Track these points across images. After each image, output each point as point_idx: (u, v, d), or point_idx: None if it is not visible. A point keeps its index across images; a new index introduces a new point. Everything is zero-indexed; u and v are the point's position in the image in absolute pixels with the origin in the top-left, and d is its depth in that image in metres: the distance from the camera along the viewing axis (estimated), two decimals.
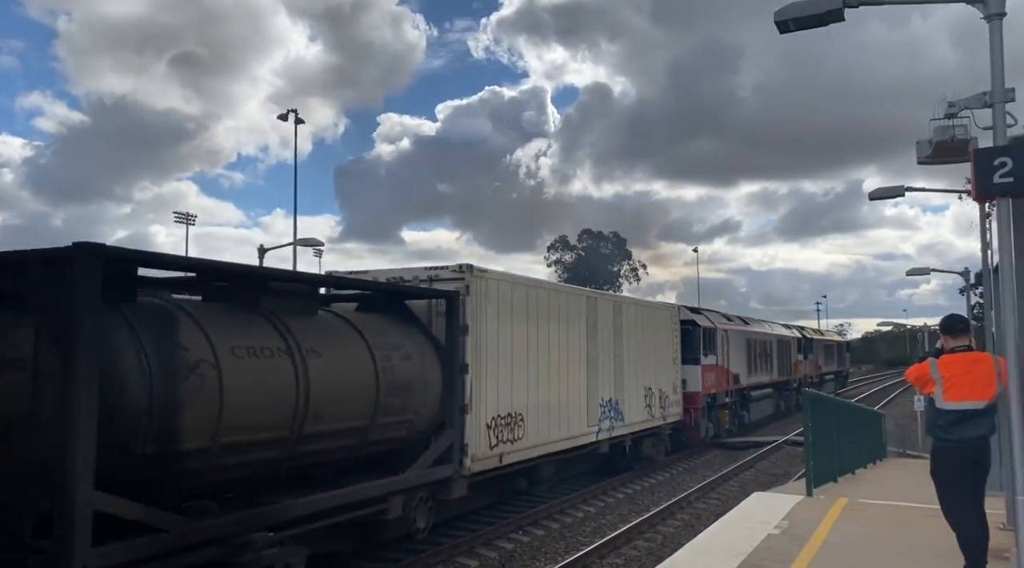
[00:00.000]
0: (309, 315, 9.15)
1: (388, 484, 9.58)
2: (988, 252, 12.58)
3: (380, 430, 9.51)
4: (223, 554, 7.30)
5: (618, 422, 16.45)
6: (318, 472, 9.02)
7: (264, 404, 7.76)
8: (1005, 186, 5.66)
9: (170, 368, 6.86)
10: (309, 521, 8.34)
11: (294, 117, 35.21)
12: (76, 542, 5.79)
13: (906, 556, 7.39)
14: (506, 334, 12.31)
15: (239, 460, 7.68)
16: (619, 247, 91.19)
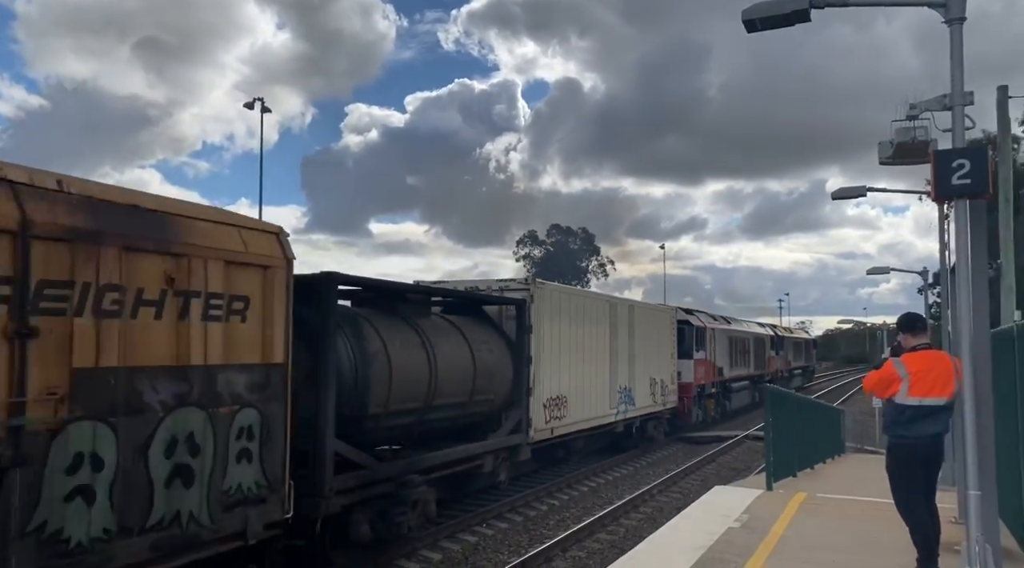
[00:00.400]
0: (426, 317, 12.04)
1: (484, 446, 12.81)
2: (946, 253, 12.85)
3: (474, 405, 12.50)
4: (393, 488, 10.19)
5: (631, 406, 19.68)
6: (434, 436, 11.90)
7: (412, 383, 10.71)
8: (963, 188, 5.77)
9: (364, 358, 9.84)
10: (438, 470, 11.46)
11: (260, 106, 34.69)
12: (326, 470, 8.82)
13: (861, 549, 7.54)
14: (556, 333, 15.55)
15: (396, 423, 10.70)
16: (588, 243, 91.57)
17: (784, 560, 7.05)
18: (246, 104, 34.87)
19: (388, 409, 10.27)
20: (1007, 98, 16.83)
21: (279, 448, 7.61)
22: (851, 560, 7.11)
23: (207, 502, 6.78)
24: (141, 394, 6.23)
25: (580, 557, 10.81)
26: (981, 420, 5.88)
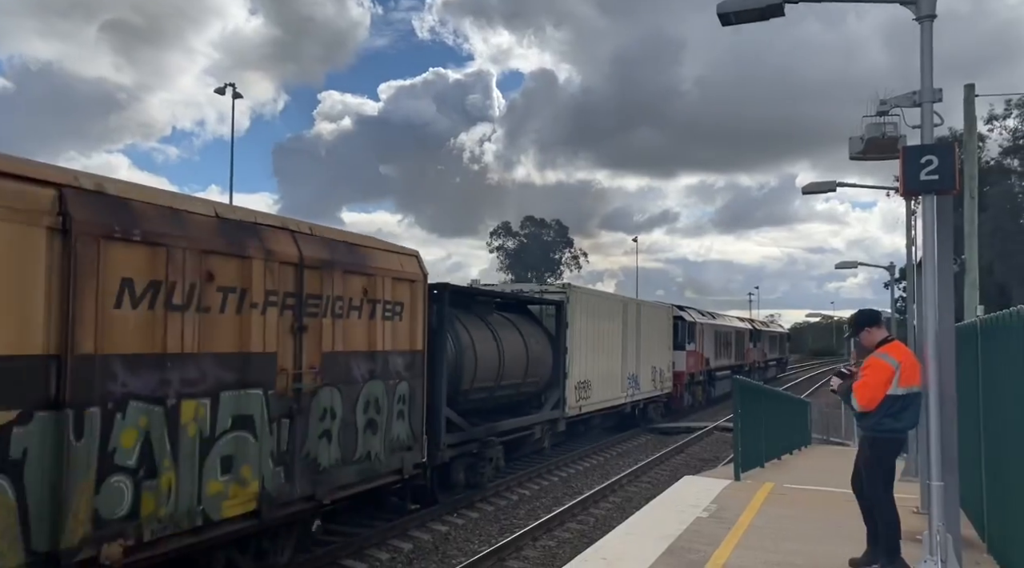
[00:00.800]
0: (492, 314, 15.16)
1: (535, 418, 16.44)
2: (912, 248, 13.06)
3: (525, 386, 16.01)
4: (478, 447, 13.52)
5: (637, 390, 23.21)
6: (497, 409, 14.96)
7: (488, 367, 13.98)
8: (930, 183, 5.85)
9: (460, 348, 13.03)
10: (506, 435, 14.80)
11: (232, 91, 34.24)
12: (441, 430, 11.94)
13: (827, 538, 7.66)
14: (585, 329, 18.79)
15: (476, 397, 13.87)
16: (561, 234, 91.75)
17: (751, 549, 7.14)
18: (217, 89, 34.43)
19: (472, 386, 13.59)
20: (973, 96, 17.12)
21: (420, 412, 10.84)
22: (817, 549, 7.22)
23: (384, 446, 9.88)
24: (351, 369, 9.22)
25: (550, 546, 10.87)
26: (945, 413, 5.99)
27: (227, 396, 7.32)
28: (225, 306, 7.35)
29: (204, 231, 7.19)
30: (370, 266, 9.65)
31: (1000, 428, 6.22)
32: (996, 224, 41.99)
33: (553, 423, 17.18)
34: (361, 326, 9.42)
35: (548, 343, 16.94)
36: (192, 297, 6.94)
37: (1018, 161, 48.29)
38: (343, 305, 9.05)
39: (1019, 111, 46.69)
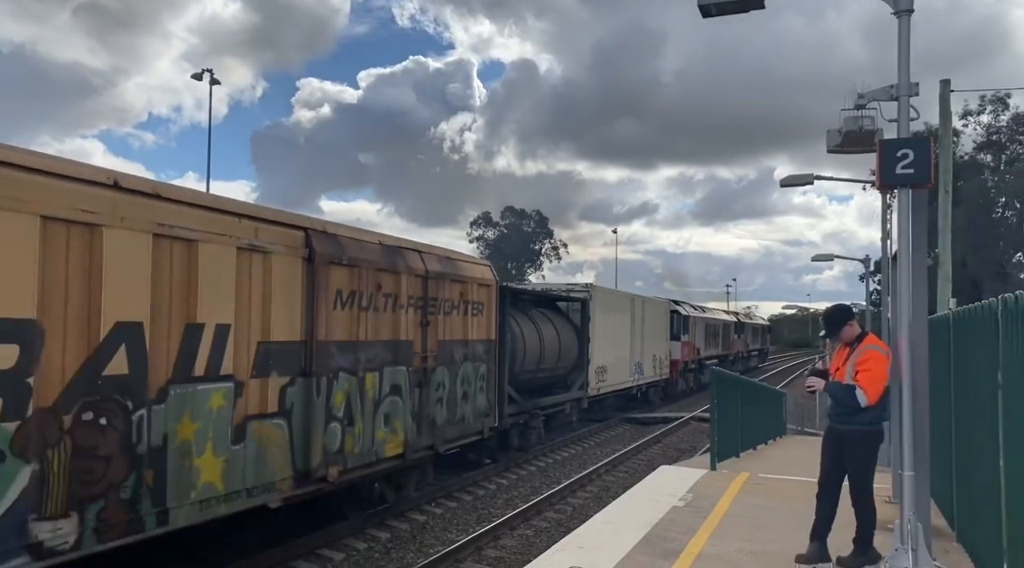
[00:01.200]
0: (532, 309, 17.99)
1: (566, 396, 19.40)
2: (888, 241, 13.19)
3: (557, 370, 18.72)
4: (526, 418, 16.58)
5: (641, 376, 26.49)
6: (534, 389, 17.42)
7: (532, 353, 16.59)
8: (906, 177, 5.91)
9: (514, 337, 15.50)
10: (546, 409, 17.85)
11: (209, 77, 33.81)
12: (504, 402, 14.69)
13: (801, 528, 7.74)
14: (602, 322, 21.95)
15: (523, 378, 16.25)
16: (541, 225, 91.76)
17: (726, 538, 7.22)
18: (194, 75, 33.97)
19: (521, 369, 16.04)
20: (949, 92, 17.30)
21: (493, 388, 13.91)
22: (791, 538, 7.30)
23: (472, 412, 12.91)
24: (454, 354, 12.29)
25: (527, 535, 10.91)
26: (917, 404, 6.08)
27: (388, 371, 10.33)
28: (386, 307, 10.36)
29: (375, 254, 10.19)
30: (463, 275, 12.69)
31: (971, 420, 6.32)
32: (969, 218, 42.58)
33: (579, 401, 20.46)
34: (459, 321, 12.54)
35: (574, 334, 19.90)
36: (370, 301, 9.94)
37: (991, 156, 48.97)
38: (449, 305, 12.17)
39: (993, 107, 47.32)
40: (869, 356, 6.09)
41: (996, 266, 45.56)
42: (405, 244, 11.32)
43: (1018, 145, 48.44)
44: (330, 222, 9.61)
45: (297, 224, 8.74)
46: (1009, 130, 48.12)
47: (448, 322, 12.07)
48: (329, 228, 9.38)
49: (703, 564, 6.37)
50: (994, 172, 48.50)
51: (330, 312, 9.03)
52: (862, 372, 6.04)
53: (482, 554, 9.90)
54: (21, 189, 5.70)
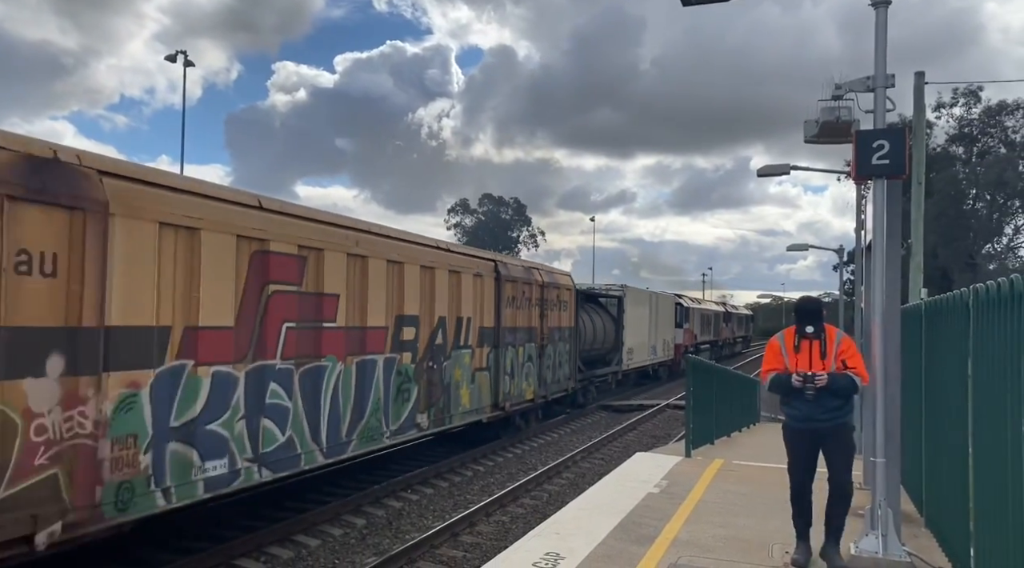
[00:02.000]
0: (584, 304, 23.50)
1: (609, 370, 26.22)
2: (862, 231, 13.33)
3: (600, 350, 25.27)
4: (586, 383, 23.67)
5: (655, 356, 33.21)
6: (587, 363, 23.62)
7: (587, 337, 23.07)
8: (882, 167, 5.98)
9: (581, 325, 22.20)
10: (596, 378, 24.90)
11: (183, 59, 33.32)
12: (575, 373, 21.45)
13: (774, 513, 7.86)
14: (631, 313, 28.18)
15: (583, 355, 22.47)
16: (519, 213, 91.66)
17: (701, 524, 7.30)
18: (168, 57, 33.54)
19: (581, 349, 21.77)
20: (923, 84, 17.47)
21: (573, 361, 20.55)
22: (764, 524, 7.40)
23: (563, 376, 19.76)
24: (555, 336, 19.06)
25: (504, 522, 10.96)
26: (889, 392, 6.17)
27: (526, 346, 17.10)
28: (530, 305, 17.36)
29: (525, 274, 17.21)
30: (558, 283, 19.41)
31: (940, 408, 6.42)
32: (940, 210, 43.21)
33: (616, 374, 27.17)
34: (557, 314, 19.07)
35: (612, 323, 26.64)
36: (522, 302, 16.74)
37: (963, 149, 49.65)
38: (552, 304, 18.71)
39: (965, 100, 47.95)
40: (849, 342, 6.00)
41: (966, 257, 46.31)
42: (532, 265, 18.74)
43: (989, 138, 49.18)
44: (506, 257, 17.52)
45: (489, 257, 15.82)
46: (981, 123, 48.81)
47: (552, 315, 18.70)
48: (504, 260, 16.60)
49: (678, 549, 6.44)
50: (966, 164, 49.20)
51: (505, 309, 15.75)
52: (851, 358, 5.90)
53: (458, 540, 9.92)
54: (422, 256, 12.54)
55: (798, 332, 6.02)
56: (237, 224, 8.29)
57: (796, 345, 5.98)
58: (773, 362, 6.11)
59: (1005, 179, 45.75)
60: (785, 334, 6.11)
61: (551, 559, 6.07)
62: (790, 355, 5.98)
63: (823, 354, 5.90)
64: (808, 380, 5.79)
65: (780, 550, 6.48)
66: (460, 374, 13.65)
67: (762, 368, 6.21)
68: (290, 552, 9.13)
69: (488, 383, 14.97)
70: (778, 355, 6.07)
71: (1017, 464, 3.86)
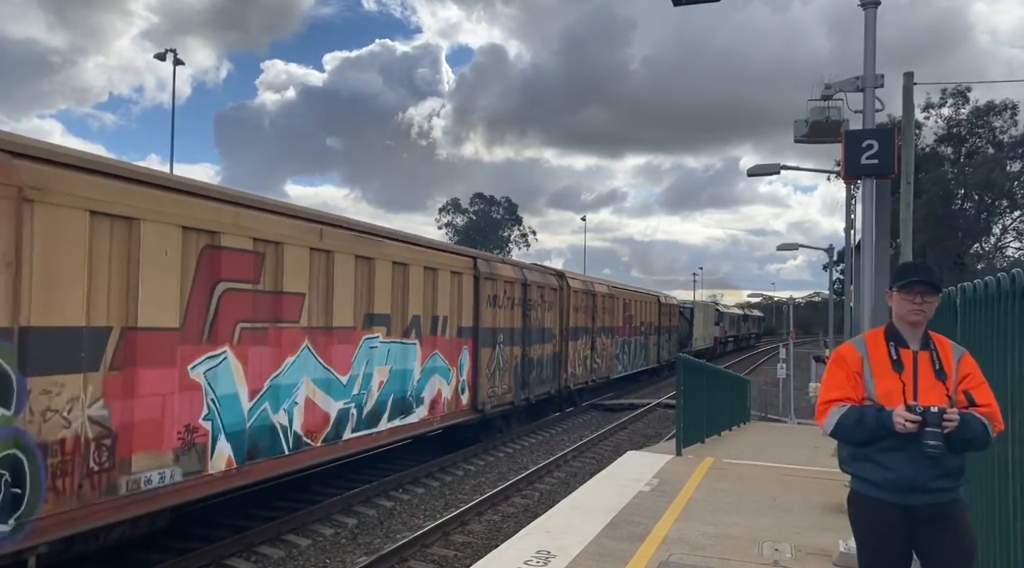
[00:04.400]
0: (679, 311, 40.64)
1: (686, 350, 37.10)
2: (852, 231, 13.40)
3: (681, 338, 42.06)
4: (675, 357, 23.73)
5: (704, 344, 45.91)
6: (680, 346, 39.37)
7: (679, 332, 40.94)
8: (871, 167, 6.02)
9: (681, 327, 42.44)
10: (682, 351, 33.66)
11: (173, 57, 33.15)
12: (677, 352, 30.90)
13: (764, 511, 7.90)
14: (696, 318, 44.70)
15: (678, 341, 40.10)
16: (510, 212, 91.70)
17: (691, 522, 7.32)
18: (157, 55, 33.27)
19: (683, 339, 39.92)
20: (912, 84, 17.57)
21: (672, 345, 37.13)
22: (754, 521, 7.44)
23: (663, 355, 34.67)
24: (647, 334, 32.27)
25: (495, 521, 10.96)
26: None
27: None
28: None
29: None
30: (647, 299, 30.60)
31: None
32: (929, 209, 43.50)
33: (688, 352, 32.44)
34: (645, 316, 29.80)
35: (687, 323, 42.18)
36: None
37: (951, 149, 49.98)
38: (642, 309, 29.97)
39: (954, 100, 48.26)
40: (973, 364, 3.64)
41: (954, 256, 46.63)
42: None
43: (977, 138, 49.53)
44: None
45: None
46: (969, 123, 49.16)
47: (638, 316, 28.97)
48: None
49: (669, 547, 6.46)
50: (954, 164, 49.54)
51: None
52: (978, 388, 3.55)
53: (449, 539, 9.92)
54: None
55: (894, 339, 3.64)
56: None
57: (894, 359, 3.57)
58: (842, 387, 3.64)
59: (993, 179, 46.10)
60: (869, 341, 3.71)
61: (542, 557, 6.08)
62: (881, 376, 3.57)
63: (939, 374, 3.55)
64: (932, 420, 3.31)
65: (770, 548, 6.51)
66: None
67: (821, 395, 3.73)
68: (281, 552, 9.11)
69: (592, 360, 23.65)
70: (853, 376, 3.63)
71: (1007, 462, 3.89)
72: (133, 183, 7.14)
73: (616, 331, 25.95)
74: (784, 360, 26.76)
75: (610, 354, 25.41)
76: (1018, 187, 48.62)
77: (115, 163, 7.36)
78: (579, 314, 21.80)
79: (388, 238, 11.77)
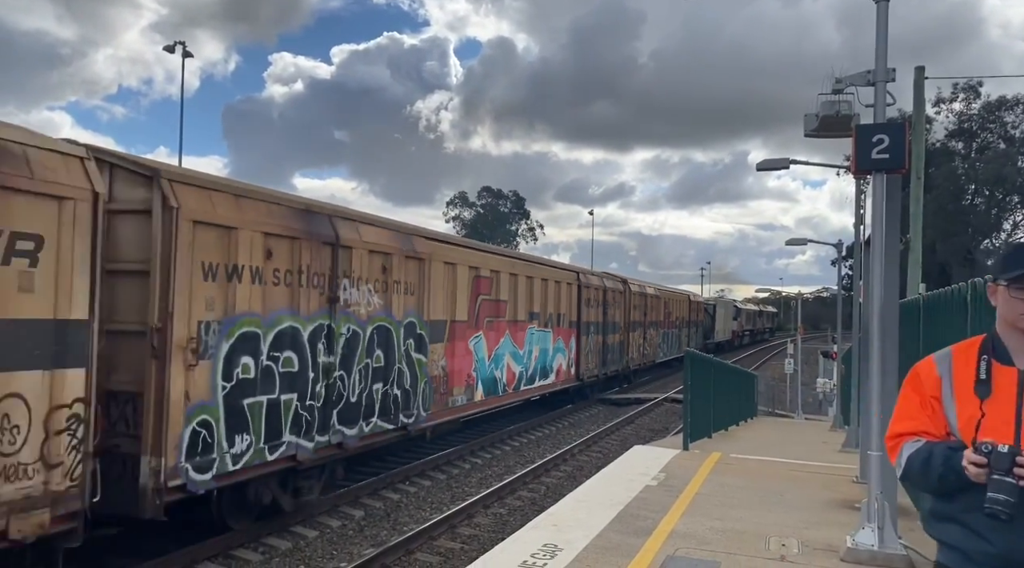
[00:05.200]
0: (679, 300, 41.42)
1: (710, 339, 51.25)
2: (861, 226, 13.33)
3: (706, 330, 50.01)
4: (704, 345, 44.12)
5: (724, 336, 56.09)
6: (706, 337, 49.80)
7: (708, 327, 51.10)
8: (881, 162, 5.98)
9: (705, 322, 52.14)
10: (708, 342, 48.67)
11: (182, 50, 33.17)
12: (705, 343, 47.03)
13: (771, 506, 7.89)
14: (718, 314, 53.75)
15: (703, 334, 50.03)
16: (518, 206, 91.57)
17: (698, 516, 7.32)
18: (166, 47, 33.26)
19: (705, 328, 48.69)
20: (923, 78, 17.46)
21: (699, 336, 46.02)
22: (761, 516, 7.43)
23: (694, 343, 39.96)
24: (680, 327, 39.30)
25: (501, 514, 10.98)
26: (886, 385, 6.18)
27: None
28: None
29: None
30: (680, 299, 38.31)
31: None
32: (939, 205, 43.22)
33: (712, 342, 47.98)
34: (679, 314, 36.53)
35: (711, 318, 49.69)
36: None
37: (962, 144, 49.63)
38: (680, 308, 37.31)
39: (965, 95, 47.89)
40: None
41: (964, 252, 46.35)
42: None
43: (989, 133, 49.15)
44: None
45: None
46: (980, 118, 48.78)
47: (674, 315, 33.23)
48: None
49: (675, 542, 6.46)
50: (964, 159, 49.19)
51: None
52: None
53: (456, 532, 9.95)
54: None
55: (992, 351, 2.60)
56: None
57: (981, 380, 2.57)
58: (915, 417, 2.69)
59: (1004, 175, 45.76)
60: (957, 356, 2.67)
61: (549, 551, 6.08)
62: (964, 402, 2.58)
63: None
64: (999, 463, 2.35)
65: (777, 543, 6.50)
66: None
67: (890, 426, 2.75)
68: (288, 543, 9.15)
69: None
70: (930, 402, 2.65)
71: None
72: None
73: (659, 324, 32.24)
74: (792, 355, 26.68)
75: (655, 343, 31.46)
76: None
77: None
78: (636, 311, 27.70)
79: (538, 263, 19.37)
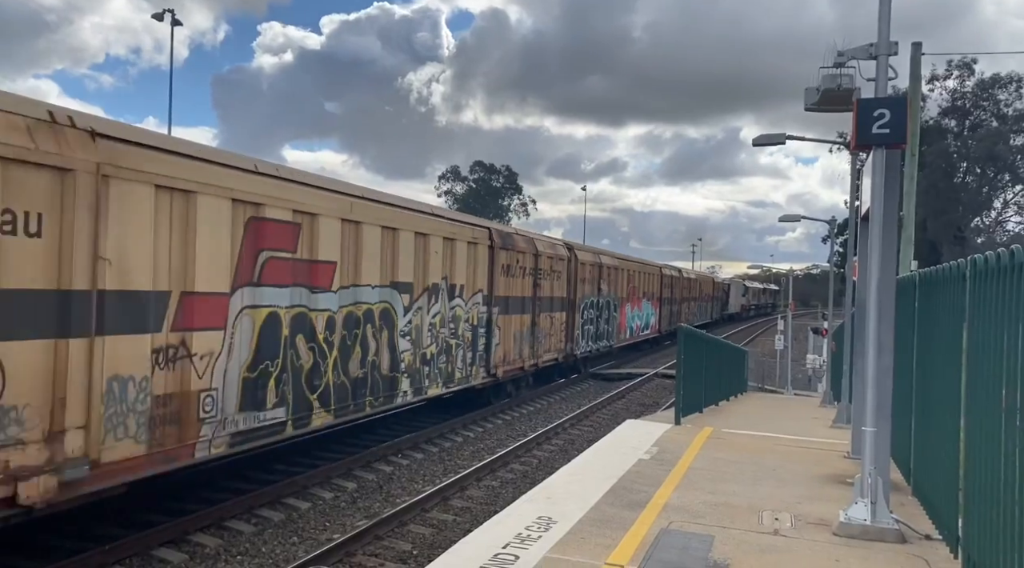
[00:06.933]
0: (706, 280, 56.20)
1: (725, 311, 66.56)
2: (857, 202, 13.30)
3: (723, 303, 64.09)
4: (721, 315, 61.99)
5: (735, 310, 70.98)
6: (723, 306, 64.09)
7: (720, 299, 62.34)
8: (882, 136, 5.93)
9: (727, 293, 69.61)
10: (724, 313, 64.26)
11: (171, 18, 32.68)
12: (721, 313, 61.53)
13: (762, 480, 7.94)
14: (730, 291, 68.55)
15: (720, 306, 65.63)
16: (510, 181, 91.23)
17: (691, 490, 7.36)
18: (154, 15, 32.81)
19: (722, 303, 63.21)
20: (920, 55, 17.36)
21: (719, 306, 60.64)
22: (753, 490, 7.47)
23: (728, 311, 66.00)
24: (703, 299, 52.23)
25: (493, 486, 11.03)
26: (882, 361, 6.19)
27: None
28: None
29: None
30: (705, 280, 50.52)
31: (931, 379, 6.45)
32: (931, 183, 43.28)
33: (726, 313, 62.10)
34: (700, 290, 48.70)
35: (726, 295, 62.44)
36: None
37: (955, 122, 49.60)
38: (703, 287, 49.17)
39: (959, 72, 47.78)
40: None
41: (955, 230, 46.55)
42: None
43: (982, 111, 49.12)
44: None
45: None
46: (974, 96, 48.72)
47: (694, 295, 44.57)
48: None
49: (669, 515, 6.49)
50: (957, 137, 49.20)
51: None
52: None
53: (449, 504, 9.99)
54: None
55: None
56: None
57: None
58: None
59: (996, 153, 45.84)
60: None
61: (544, 523, 6.10)
62: None
63: None
64: None
65: (770, 517, 6.54)
66: None
67: None
68: (281, 514, 9.17)
69: None
70: None
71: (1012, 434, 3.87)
72: None
73: (694, 299, 45.42)
74: (782, 332, 26.79)
75: (693, 312, 44.61)
76: (1021, 161, 48.37)
77: None
78: (679, 289, 39.74)
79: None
